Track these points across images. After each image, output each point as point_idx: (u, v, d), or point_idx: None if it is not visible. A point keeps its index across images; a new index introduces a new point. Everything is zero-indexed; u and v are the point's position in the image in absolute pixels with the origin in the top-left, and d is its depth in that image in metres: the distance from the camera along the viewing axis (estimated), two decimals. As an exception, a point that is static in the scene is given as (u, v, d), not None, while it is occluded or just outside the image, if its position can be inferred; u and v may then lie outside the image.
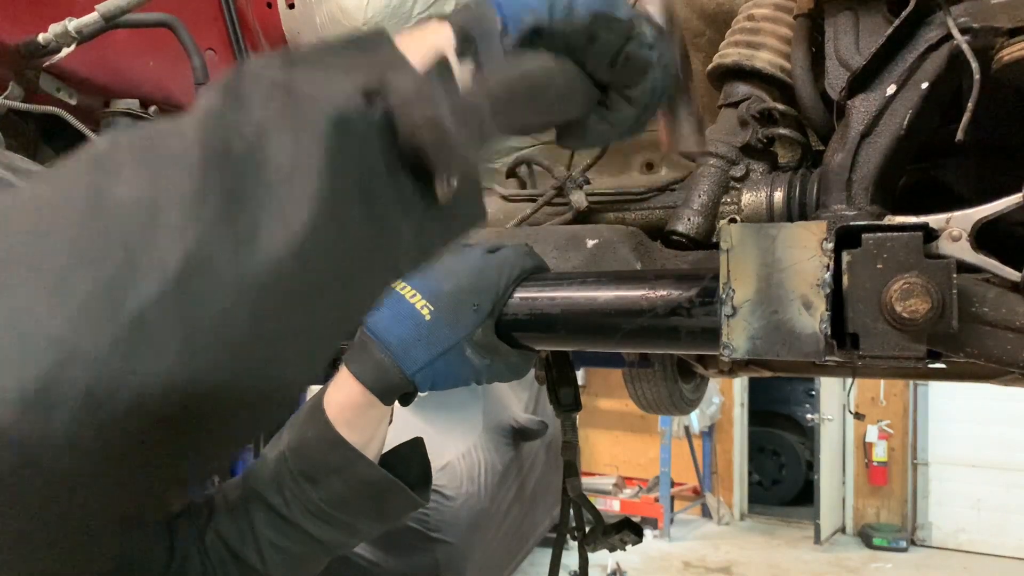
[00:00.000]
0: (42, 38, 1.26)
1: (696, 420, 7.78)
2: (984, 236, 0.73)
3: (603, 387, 8.42)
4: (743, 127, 1.11)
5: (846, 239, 0.72)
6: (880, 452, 7.61)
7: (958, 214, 0.74)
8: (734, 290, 0.73)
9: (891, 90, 0.89)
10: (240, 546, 0.87)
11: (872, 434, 7.62)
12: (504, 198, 1.33)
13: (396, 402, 0.89)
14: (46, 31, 1.25)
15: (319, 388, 0.91)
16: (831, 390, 7.44)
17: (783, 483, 8.76)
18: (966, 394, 7.22)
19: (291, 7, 1.61)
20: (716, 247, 0.76)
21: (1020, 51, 0.81)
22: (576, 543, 1.22)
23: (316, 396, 0.89)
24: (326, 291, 0.43)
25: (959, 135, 0.81)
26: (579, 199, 1.20)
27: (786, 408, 9.02)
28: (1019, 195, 0.72)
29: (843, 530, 7.86)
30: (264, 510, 0.87)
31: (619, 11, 0.59)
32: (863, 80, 0.91)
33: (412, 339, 0.84)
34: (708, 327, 0.77)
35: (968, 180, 1.05)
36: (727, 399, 8.23)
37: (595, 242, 1.08)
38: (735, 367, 1.71)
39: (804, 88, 1.06)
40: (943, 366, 1.49)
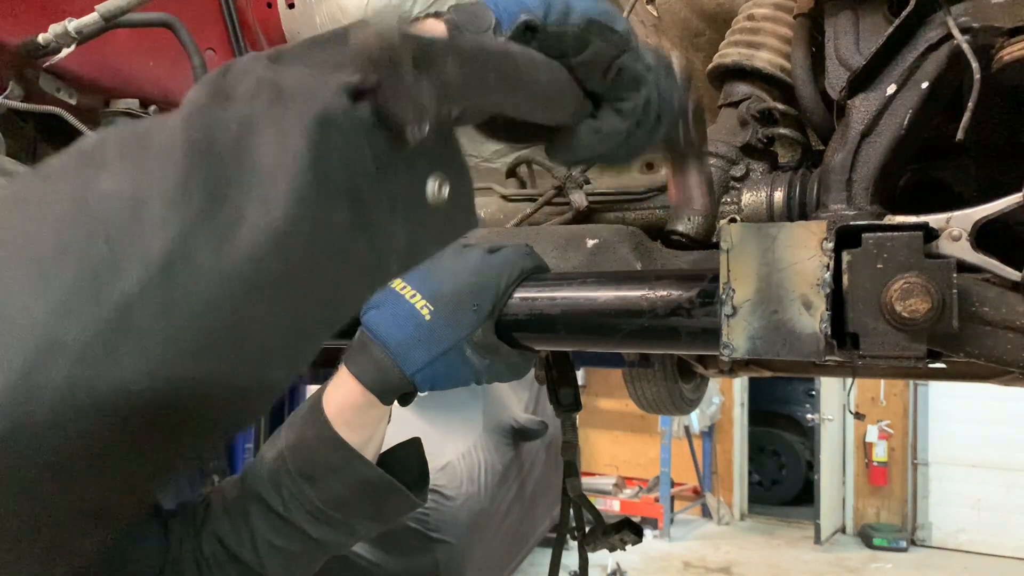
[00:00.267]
0: (42, 38, 1.26)
1: (696, 420, 7.78)
2: (984, 236, 0.73)
3: (603, 387, 8.42)
4: (743, 127, 1.11)
5: (846, 239, 0.72)
6: (880, 452, 7.61)
7: (958, 214, 0.74)
8: (734, 290, 0.73)
9: (891, 90, 0.89)
10: (237, 546, 0.87)
11: (872, 434, 7.62)
12: (504, 198, 1.32)
13: (395, 402, 0.89)
14: (46, 31, 1.25)
15: (318, 387, 0.91)
16: (831, 390, 7.44)
17: (783, 483, 8.76)
18: (966, 394, 7.22)
19: (291, 7, 1.61)
20: (716, 247, 0.76)
21: (1020, 51, 0.81)
22: (576, 543, 1.22)
23: (315, 395, 0.89)
24: (310, 287, 0.43)
25: (959, 135, 0.81)
26: (579, 199, 1.20)
27: (786, 408, 9.01)
28: (1019, 195, 0.72)
29: (843, 530, 7.86)
30: (262, 510, 0.87)
31: (615, 23, 0.59)
32: (863, 80, 0.91)
33: (412, 339, 0.84)
34: (708, 327, 0.77)
35: (968, 180, 1.05)
36: (727, 399, 8.23)
37: (595, 242, 1.08)
38: (735, 367, 1.71)
39: (804, 88, 1.06)
40: (943, 366, 1.49)
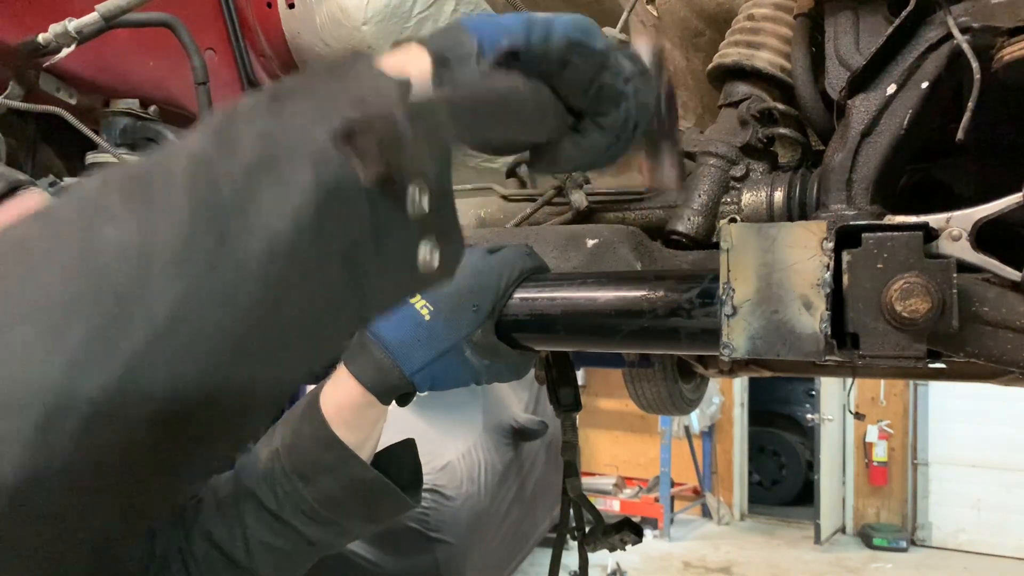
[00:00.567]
0: (42, 38, 1.26)
1: (696, 420, 7.77)
2: (984, 236, 0.73)
3: (603, 387, 8.41)
4: (743, 127, 1.11)
5: (846, 239, 0.72)
6: (880, 452, 7.61)
7: (958, 214, 0.74)
8: (734, 290, 0.73)
9: (891, 90, 0.89)
10: (228, 543, 0.87)
11: (872, 434, 7.62)
12: (504, 198, 1.32)
13: (393, 402, 0.89)
14: (46, 31, 1.25)
15: (314, 386, 0.91)
16: (831, 390, 7.44)
17: (783, 483, 8.75)
18: (966, 394, 7.21)
19: (291, 7, 1.61)
20: (716, 247, 0.76)
21: (1020, 50, 0.81)
22: (576, 543, 1.22)
23: (312, 394, 0.89)
24: (300, 341, 0.46)
25: (959, 135, 0.81)
26: (579, 199, 1.20)
27: (786, 408, 9.01)
28: (1019, 195, 0.72)
29: (843, 530, 7.85)
30: (255, 508, 0.87)
31: (595, 42, 0.61)
32: (863, 80, 0.91)
33: (412, 339, 0.84)
34: (708, 328, 0.77)
35: (968, 180, 1.05)
36: (727, 399, 8.23)
37: (595, 242, 1.08)
38: (735, 367, 1.71)
39: (804, 88, 1.06)
40: (943, 366, 1.49)
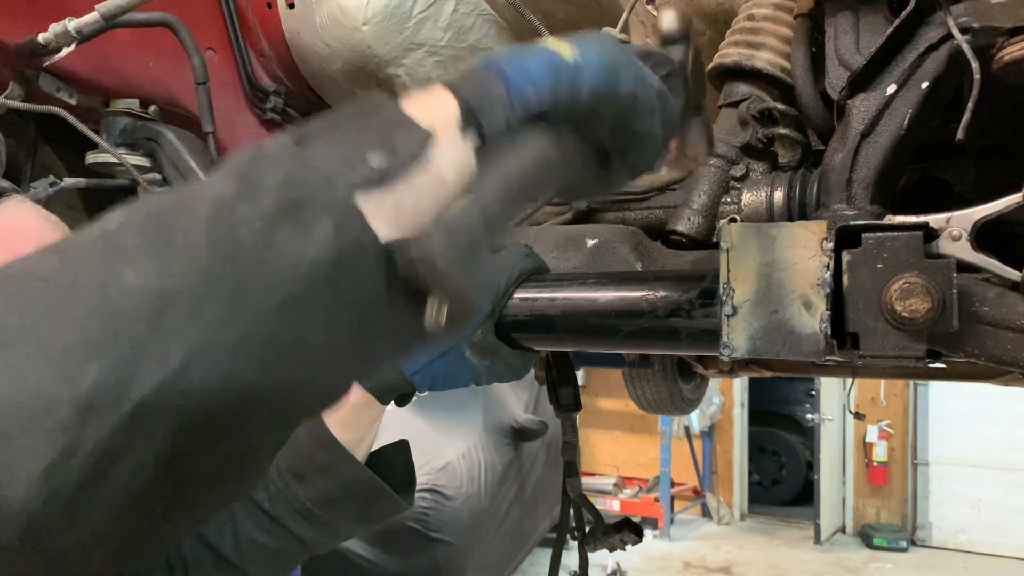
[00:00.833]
0: (42, 38, 1.26)
1: (696, 420, 7.77)
2: (984, 236, 0.73)
3: (603, 387, 8.41)
4: (743, 127, 1.11)
5: (846, 239, 0.72)
6: (880, 452, 7.60)
7: (958, 214, 0.74)
8: (734, 290, 0.73)
9: (891, 90, 0.89)
10: (218, 540, 0.87)
11: (872, 434, 7.61)
12: (504, 198, 1.32)
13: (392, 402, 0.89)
14: (46, 31, 1.25)
15: None
16: (831, 390, 7.44)
17: (783, 483, 8.75)
18: (966, 394, 7.21)
19: (291, 7, 1.61)
20: (716, 247, 0.76)
21: (1020, 51, 0.81)
22: (576, 543, 1.22)
23: None
24: (306, 395, 0.46)
25: (959, 135, 0.81)
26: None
27: (786, 408, 9.01)
28: (1019, 195, 0.72)
29: (843, 530, 7.85)
30: (247, 505, 0.87)
31: (622, 88, 0.58)
32: (863, 80, 0.91)
33: (411, 339, 0.84)
34: (708, 328, 0.77)
35: (968, 180, 1.05)
36: (727, 399, 8.23)
37: (595, 242, 1.08)
38: (735, 367, 1.71)
39: (804, 88, 1.06)
40: (943, 366, 1.49)
